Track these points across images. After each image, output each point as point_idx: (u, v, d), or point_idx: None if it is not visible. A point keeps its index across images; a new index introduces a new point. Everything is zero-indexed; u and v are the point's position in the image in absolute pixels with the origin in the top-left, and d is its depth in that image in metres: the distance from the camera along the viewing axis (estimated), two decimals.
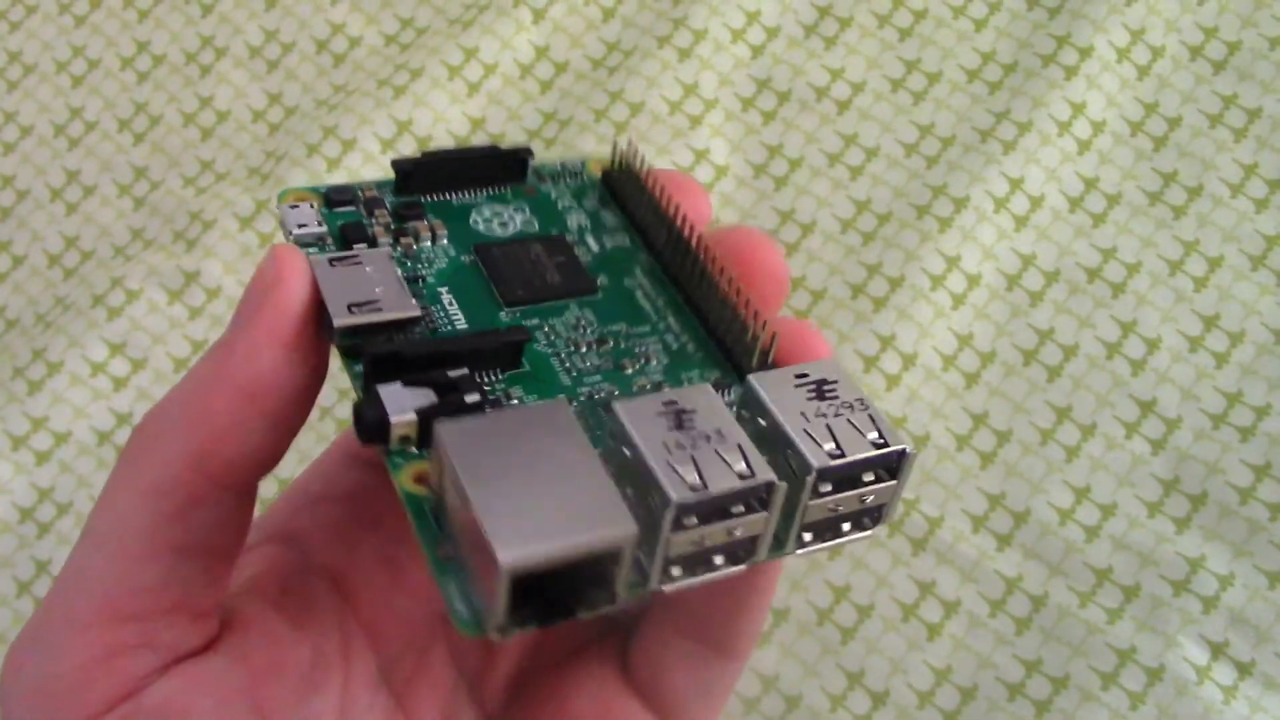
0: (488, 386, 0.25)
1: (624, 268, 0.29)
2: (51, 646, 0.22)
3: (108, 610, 0.22)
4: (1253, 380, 0.40)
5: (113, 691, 0.22)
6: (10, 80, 0.50)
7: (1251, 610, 0.38)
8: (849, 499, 0.23)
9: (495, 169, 0.30)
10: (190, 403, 0.23)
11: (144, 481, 0.23)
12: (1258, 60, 0.44)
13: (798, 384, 0.23)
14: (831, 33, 0.46)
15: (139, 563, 0.23)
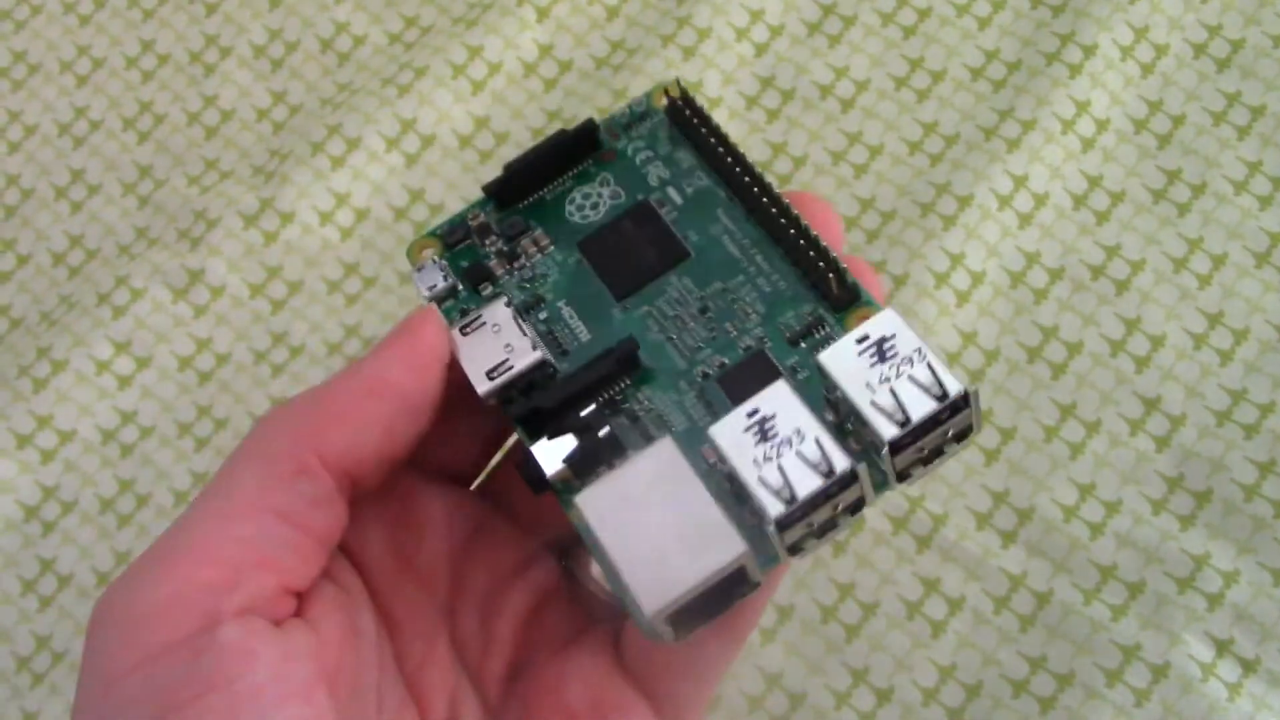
0: (620, 397, 0.28)
1: (708, 213, 0.31)
2: (144, 580, 0.24)
3: (202, 551, 0.24)
4: (1257, 377, 0.40)
5: (191, 623, 0.23)
6: (15, 79, 0.50)
7: (1256, 607, 0.38)
8: (931, 439, 0.25)
9: (571, 151, 0.32)
10: (315, 392, 0.26)
11: (260, 452, 0.26)
12: (1261, 58, 0.44)
13: (860, 350, 0.25)
14: (836, 31, 0.46)
15: (240, 515, 0.25)
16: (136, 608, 0.24)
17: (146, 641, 0.23)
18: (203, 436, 0.44)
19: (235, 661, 0.23)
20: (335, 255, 0.46)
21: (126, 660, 0.23)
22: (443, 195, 0.46)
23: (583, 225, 0.31)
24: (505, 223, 0.32)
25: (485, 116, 0.47)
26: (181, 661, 0.23)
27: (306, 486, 0.25)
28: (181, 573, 0.24)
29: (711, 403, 0.28)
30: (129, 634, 0.23)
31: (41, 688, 0.41)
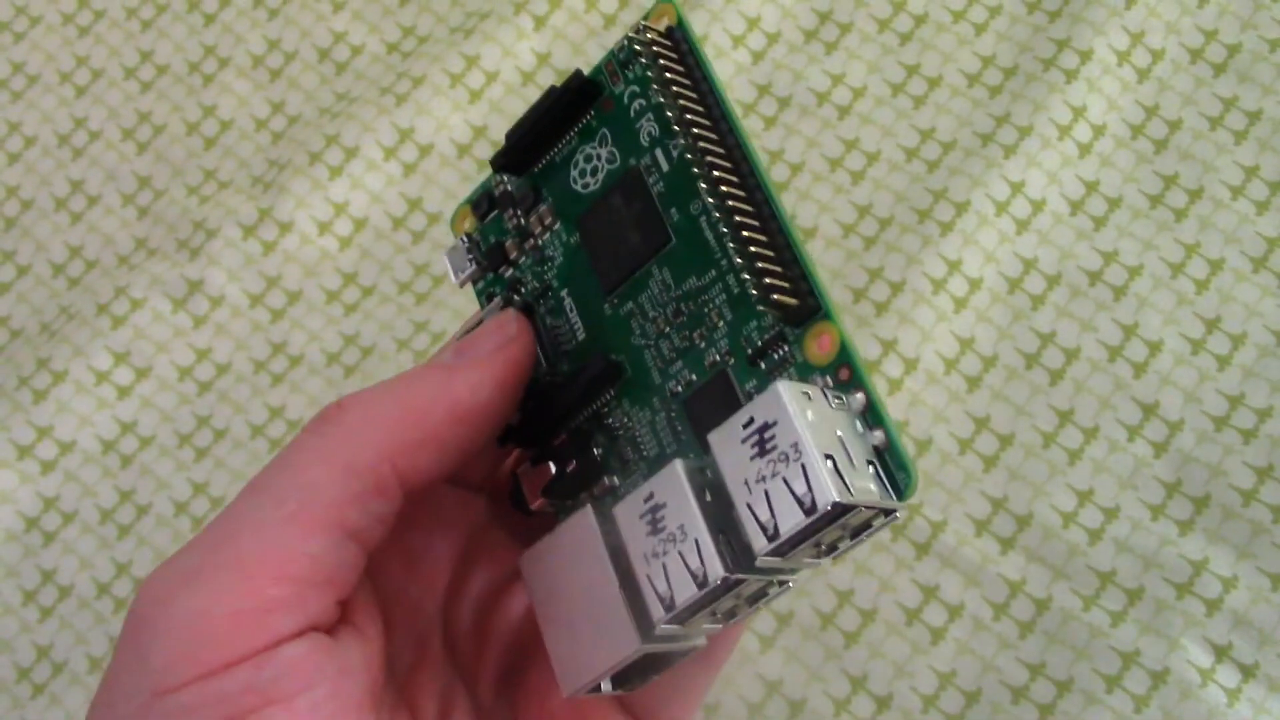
0: (605, 408, 0.27)
1: (690, 186, 0.27)
2: (210, 586, 0.23)
3: (276, 566, 0.23)
4: (1255, 382, 0.40)
5: (257, 643, 0.23)
6: (14, 91, 0.51)
7: (1255, 613, 0.38)
8: (831, 533, 0.23)
9: (570, 108, 0.30)
10: (405, 404, 0.25)
11: (341, 458, 0.24)
12: (1258, 63, 0.44)
13: (745, 436, 0.23)
14: (832, 38, 0.47)
15: (317, 530, 0.24)
16: (202, 624, 0.23)
17: (210, 657, 0.22)
18: (202, 446, 0.44)
19: (298, 678, 0.23)
20: (334, 264, 0.46)
21: (185, 673, 0.22)
22: (441, 204, 0.46)
23: (583, 196, 0.29)
24: (520, 193, 0.30)
25: (483, 125, 0.47)
26: (244, 674, 0.23)
27: (381, 505, 0.25)
28: (254, 588, 0.23)
29: (679, 429, 0.26)
30: (192, 647, 0.22)
31: (42, 698, 0.41)
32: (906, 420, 0.41)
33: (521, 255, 0.30)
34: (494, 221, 0.31)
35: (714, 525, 0.23)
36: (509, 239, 0.30)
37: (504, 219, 0.31)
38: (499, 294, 0.30)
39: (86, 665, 0.42)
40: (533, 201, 0.30)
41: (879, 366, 0.42)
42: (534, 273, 0.30)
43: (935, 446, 0.41)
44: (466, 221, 0.31)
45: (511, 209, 0.30)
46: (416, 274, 0.45)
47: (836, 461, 0.22)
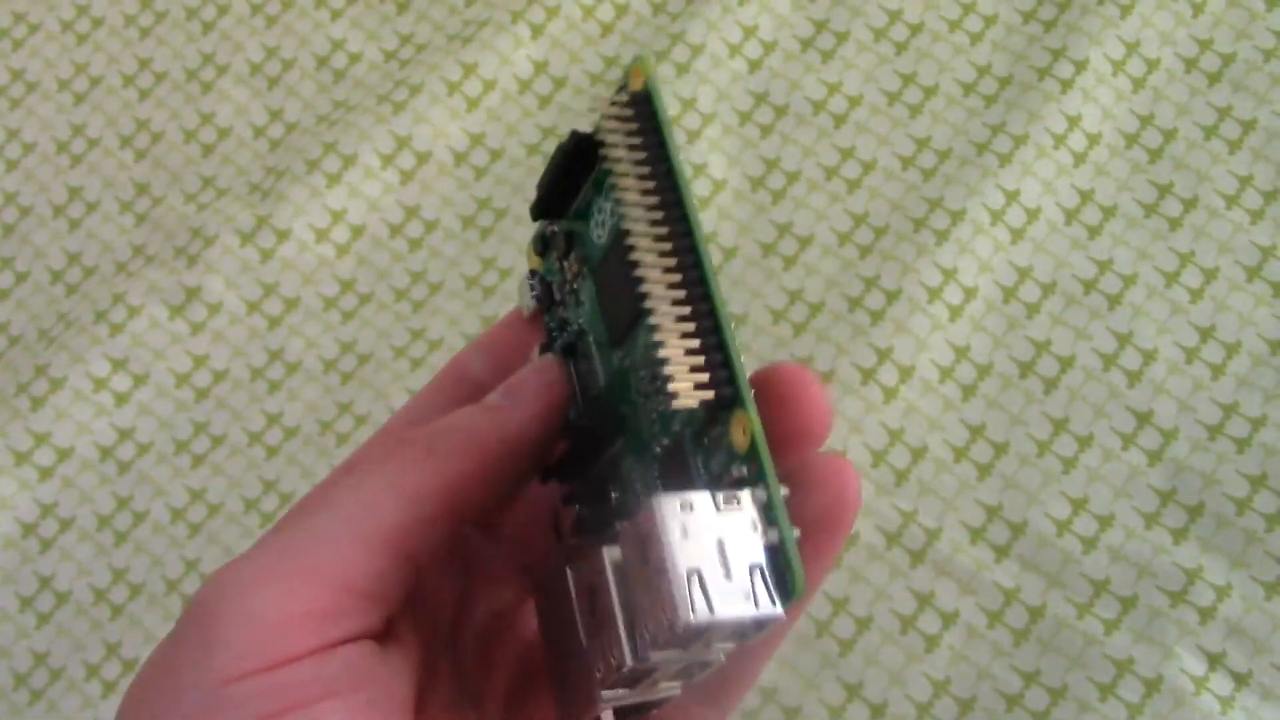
0: (619, 458, 0.28)
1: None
2: (283, 587, 0.24)
3: (343, 577, 0.24)
4: (1249, 391, 0.41)
5: (318, 642, 0.24)
6: (13, 98, 0.51)
7: (1248, 621, 0.38)
8: (699, 645, 0.23)
9: (582, 161, 0.29)
10: (469, 436, 0.26)
11: (410, 486, 0.25)
12: (1252, 72, 0.44)
13: (632, 544, 0.23)
14: (828, 47, 0.47)
15: (383, 550, 0.25)
16: (273, 619, 0.24)
17: (276, 651, 0.23)
18: (199, 453, 0.44)
19: (356, 677, 0.24)
20: (331, 272, 0.46)
21: (253, 663, 0.23)
22: (438, 211, 0.46)
23: (598, 246, 0.29)
24: (559, 236, 0.31)
25: (480, 133, 0.47)
26: (307, 667, 0.24)
27: (433, 533, 0.26)
28: (320, 594, 0.24)
29: (658, 488, 0.26)
30: (261, 640, 0.23)
31: (39, 704, 0.41)
32: (901, 428, 0.41)
33: (564, 297, 0.31)
34: (548, 261, 0.32)
35: (628, 612, 0.23)
36: (554, 280, 0.31)
37: (551, 260, 0.31)
38: (555, 332, 0.30)
39: (84, 672, 0.42)
40: (565, 248, 0.31)
41: (874, 375, 0.42)
42: (573, 315, 0.30)
43: (930, 454, 0.41)
44: (534, 258, 0.32)
45: (554, 252, 0.31)
46: (414, 281, 0.45)
47: (703, 577, 0.22)
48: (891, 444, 0.41)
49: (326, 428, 0.44)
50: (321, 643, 0.24)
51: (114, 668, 0.42)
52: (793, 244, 0.44)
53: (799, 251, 0.44)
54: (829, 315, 0.43)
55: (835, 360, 0.42)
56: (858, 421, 0.41)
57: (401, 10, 0.50)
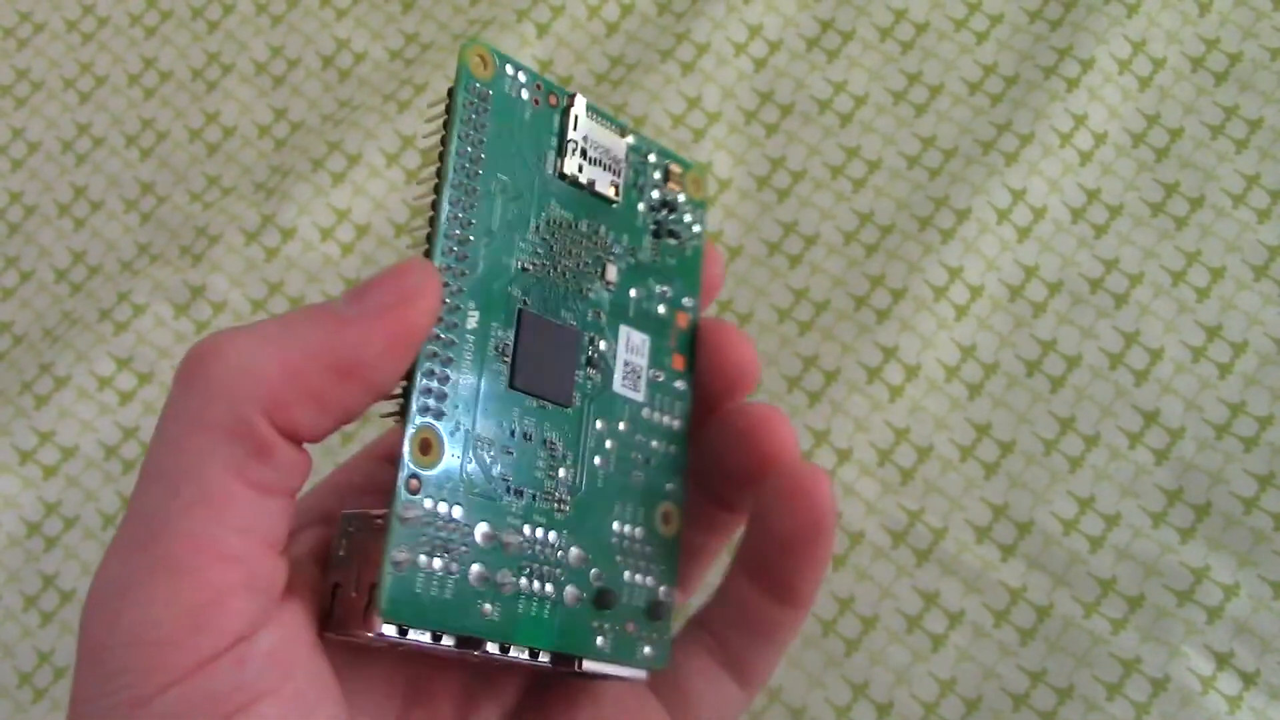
0: None
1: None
2: (149, 593, 0.22)
3: (209, 549, 0.22)
4: (1256, 390, 0.41)
5: (227, 633, 0.22)
6: (18, 97, 0.51)
7: (1256, 620, 0.38)
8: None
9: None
10: (283, 355, 0.23)
11: (216, 422, 0.23)
12: (1259, 71, 0.44)
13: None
14: (834, 46, 0.47)
15: (228, 502, 0.22)
16: (155, 630, 0.22)
17: (176, 663, 0.22)
18: None
19: (279, 669, 0.23)
20: (336, 271, 0.46)
21: (155, 683, 0.21)
22: None
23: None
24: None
25: None
26: (228, 672, 0.22)
27: (277, 457, 0.23)
28: (198, 579, 0.22)
29: None
30: (153, 658, 0.22)
31: (43, 703, 0.41)
32: (907, 427, 0.41)
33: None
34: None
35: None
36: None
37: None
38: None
39: None
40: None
41: (880, 374, 0.42)
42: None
43: (936, 453, 0.41)
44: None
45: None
46: None
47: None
48: (897, 443, 0.41)
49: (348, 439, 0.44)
50: (233, 627, 0.22)
51: None
52: (798, 242, 0.44)
53: (804, 250, 0.44)
54: (834, 314, 0.43)
55: (841, 359, 0.42)
56: (863, 420, 0.41)
57: (406, 9, 0.50)
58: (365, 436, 0.43)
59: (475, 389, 0.27)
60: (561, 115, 0.30)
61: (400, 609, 0.24)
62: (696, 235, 0.32)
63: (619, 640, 0.28)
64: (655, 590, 0.30)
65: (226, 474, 0.22)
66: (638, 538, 0.29)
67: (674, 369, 0.31)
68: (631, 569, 0.29)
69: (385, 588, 0.24)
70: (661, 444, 0.30)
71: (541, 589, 0.27)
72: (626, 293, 0.31)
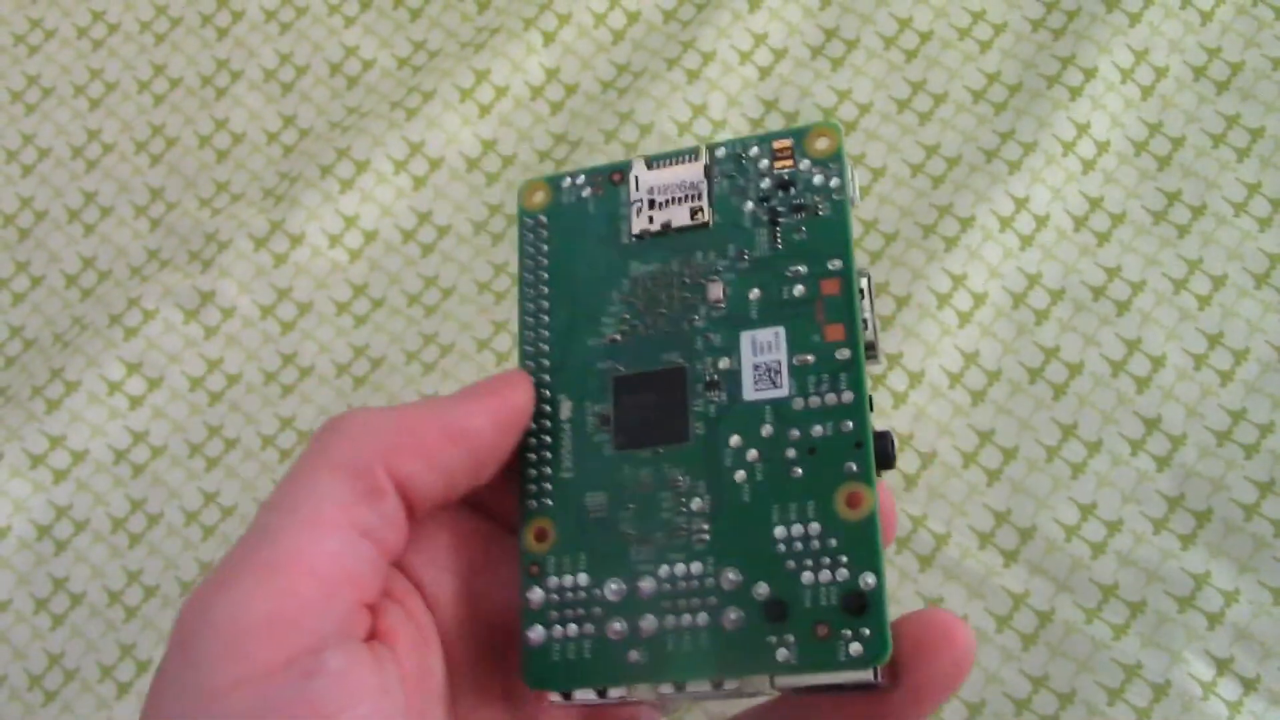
0: None
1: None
2: (243, 590, 0.24)
3: (298, 563, 0.24)
4: (1257, 398, 0.41)
5: (297, 643, 0.24)
6: (28, 103, 0.51)
7: (1257, 626, 0.38)
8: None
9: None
10: (400, 416, 0.27)
11: (341, 462, 0.26)
12: (1260, 80, 0.45)
13: None
14: (838, 54, 0.47)
15: (330, 529, 0.25)
16: (241, 621, 0.24)
17: (253, 658, 0.23)
18: (213, 456, 0.44)
19: (343, 692, 0.24)
20: (344, 277, 0.46)
21: (231, 674, 0.23)
22: (450, 217, 0.47)
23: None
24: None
25: (492, 139, 0.48)
26: (291, 683, 0.23)
27: (384, 505, 0.26)
28: (281, 585, 0.24)
29: None
30: (234, 648, 0.23)
31: (54, 705, 0.42)
32: (911, 434, 0.41)
33: None
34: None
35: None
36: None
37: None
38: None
39: (98, 673, 0.42)
40: None
41: (884, 380, 0.42)
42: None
43: (939, 460, 0.41)
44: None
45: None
46: (426, 286, 0.46)
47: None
48: (900, 449, 0.41)
49: None
50: (302, 643, 0.24)
51: (128, 669, 0.42)
52: None
53: None
54: None
55: None
56: None
57: (414, 17, 0.50)
58: None
59: (579, 467, 0.29)
60: (624, 186, 0.31)
61: (543, 679, 0.28)
62: (832, 190, 0.30)
63: (808, 647, 0.27)
64: (853, 582, 0.27)
65: (337, 508, 0.25)
66: (814, 534, 0.27)
67: (829, 342, 0.29)
68: (813, 570, 0.27)
69: (525, 664, 0.28)
70: (828, 426, 0.28)
71: (692, 621, 0.27)
72: (744, 299, 0.30)
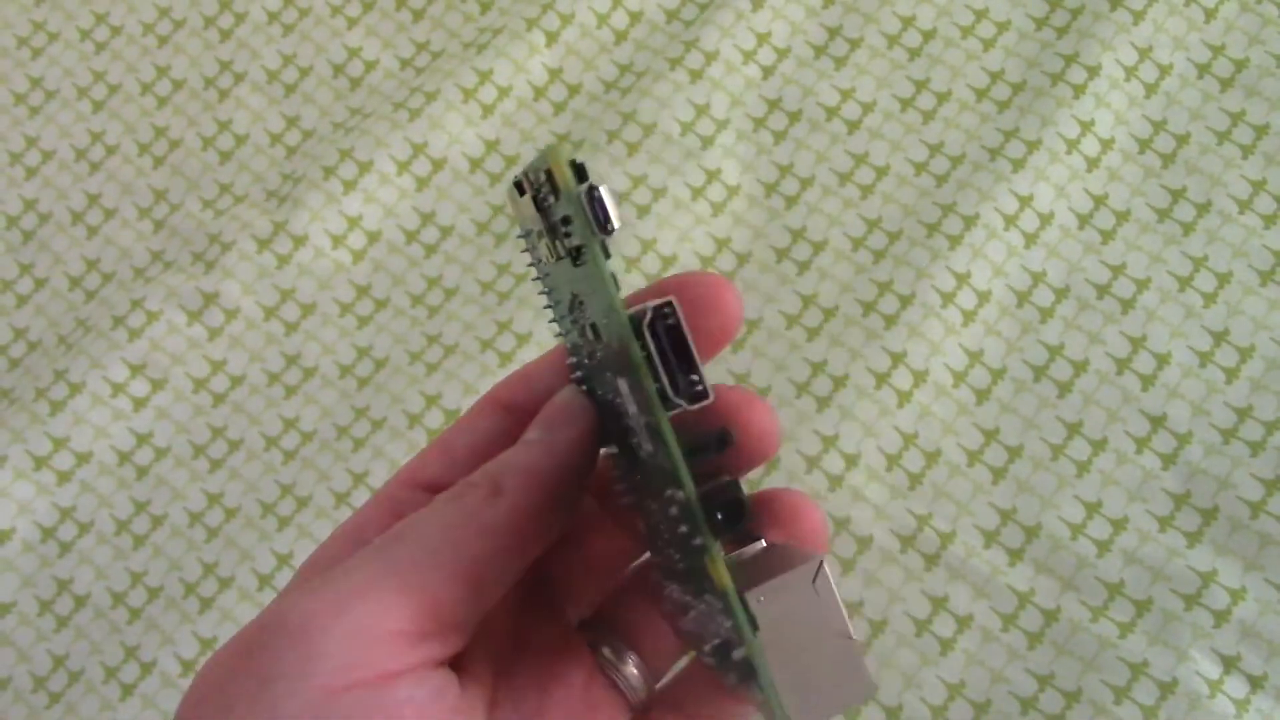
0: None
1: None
2: (379, 605, 0.25)
3: (427, 600, 0.25)
4: (1262, 395, 0.41)
5: (411, 661, 0.25)
6: (32, 106, 0.51)
7: (1263, 624, 0.38)
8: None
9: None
10: (529, 471, 0.28)
11: (485, 520, 0.27)
12: (1265, 77, 0.45)
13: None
14: (841, 53, 0.47)
15: (460, 579, 0.26)
16: (374, 631, 0.25)
17: (376, 667, 0.24)
18: (217, 458, 0.44)
19: (445, 704, 0.25)
20: (347, 278, 0.46)
21: (354, 677, 0.24)
22: (453, 218, 0.46)
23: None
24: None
25: (495, 140, 0.48)
26: (405, 688, 0.25)
27: (508, 565, 0.27)
28: (410, 613, 0.25)
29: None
30: (363, 654, 0.24)
31: (58, 706, 0.42)
32: (915, 433, 0.41)
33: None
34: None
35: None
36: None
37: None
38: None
39: (102, 674, 0.42)
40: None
41: (888, 379, 0.42)
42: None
43: (944, 458, 0.41)
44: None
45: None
46: (429, 287, 0.46)
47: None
48: (905, 448, 0.41)
49: (343, 432, 0.44)
50: (414, 662, 0.25)
51: (132, 670, 0.42)
52: (806, 249, 0.44)
53: (812, 256, 0.44)
54: (843, 320, 0.43)
55: (849, 365, 0.42)
56: (872, 425, 0.42)
57: (417, 18, 0.50)
58: (375, 442, 0.44)
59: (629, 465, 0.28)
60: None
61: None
62: (582, 235, 0.25)
63: (761, 699, 0.26)
64: (739, 653, 0.25)
65: (470, 563, 0.26)
66: (715, 595, 0.26)
67: (643, 402, 0.25)
68: (729, 630, 0.26)
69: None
70: (676, 493, 0.25)
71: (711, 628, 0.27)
72: (607, 347, 0.26)
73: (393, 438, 0.44)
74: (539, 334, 0.44)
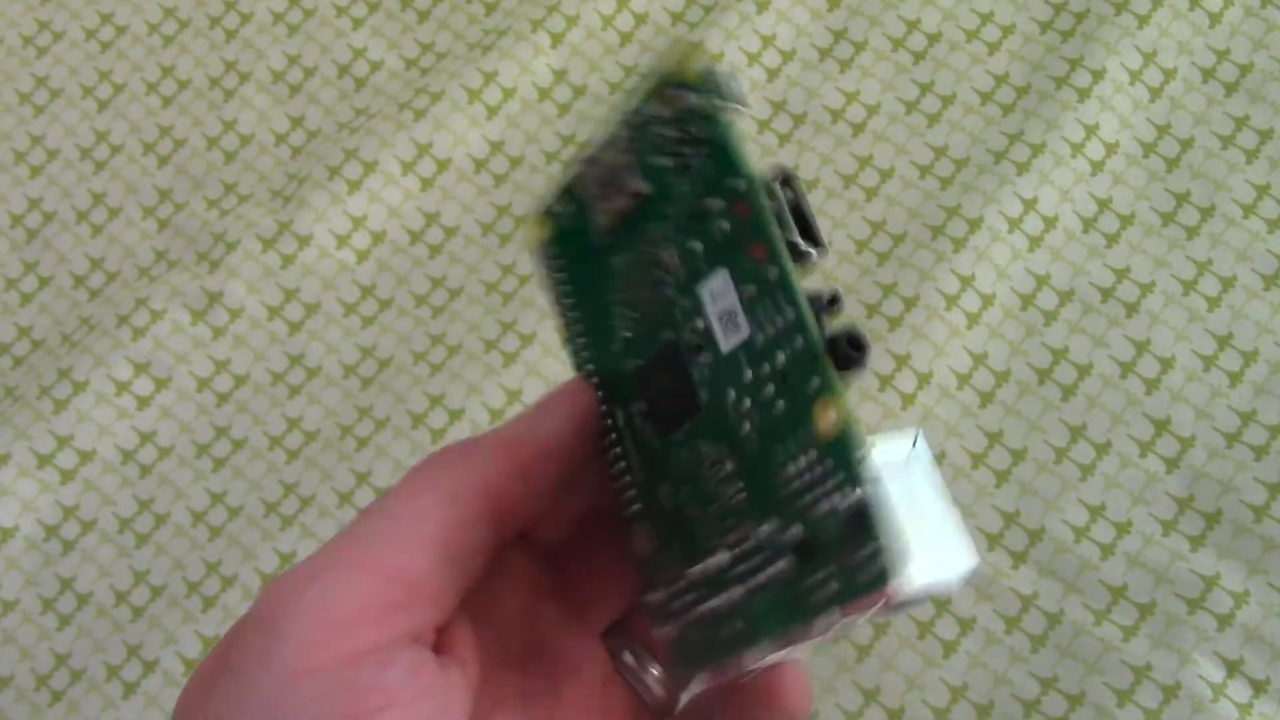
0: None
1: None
2: (338, 581, 0.25)
3: (393, 571, 0.25)
4: (1266, 399, 0.41)
5: (380, 637, 0.25)
6: (38, 105, 0.51)
7: (1267, 628, 0.38)
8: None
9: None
10: (499, 439, 0.28)
11: (449, 485, 0.27)
12: (1269, 82, 0.45)
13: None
14: (846, 56, 0.47)
15: (427, 547, 0.26)
16: (333, 611, 0.24)
17: (338, 646, 0.24)
18: (220, 456, 0.44)
19: (416, 686, 0.24)
20: (351, 277, 0.46)
21: (316, 658, 0.24)
22: (458, 218, 0.47)
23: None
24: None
25: (500, 141, 0.48)
26: (371, 670, 0.24)
27: (478, 534, 0.27)
28: (373, 584, 0.25)
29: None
30: (323, 634, 0.24)
31: (60, 705, 0.42)
32: None
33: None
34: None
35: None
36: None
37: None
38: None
39: (105, 673, 0.42)
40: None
41: (891, 381, 0.42)
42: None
43: (948, 461, 0.41)
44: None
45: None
46: (433, 287, 0.46)
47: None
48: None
49: (346, 432, 0.44)
50: (382, 639, 0.25)
51: (134, 669, 0.42)
52: None
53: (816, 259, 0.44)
54: (847, 322, 0.43)
55: None
56: (876, 427, 0.42)
57: (422, 19, 0.50)
58: (379, 442, 0.44)
59: (644, 466, 0.29)
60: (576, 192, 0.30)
61: (689, 664, 0.27)
62: (712, 109, 0.27)
63: (845, 578, 0.24)
64: (849, 502, 0.24)
65: (437, 529, 0.26)
66: (812, 462, 0.25)
67: (759, 266, 0.26)
68: (826, 499, 0.25)
69: (670, 659, 0.27)
70: (786, 351, 0.25)
71: (758, 580, 0.26)
72: (693, 254, 0.27)
73: (396, 437, 0.44)
74: (543, 335, 0.45)
